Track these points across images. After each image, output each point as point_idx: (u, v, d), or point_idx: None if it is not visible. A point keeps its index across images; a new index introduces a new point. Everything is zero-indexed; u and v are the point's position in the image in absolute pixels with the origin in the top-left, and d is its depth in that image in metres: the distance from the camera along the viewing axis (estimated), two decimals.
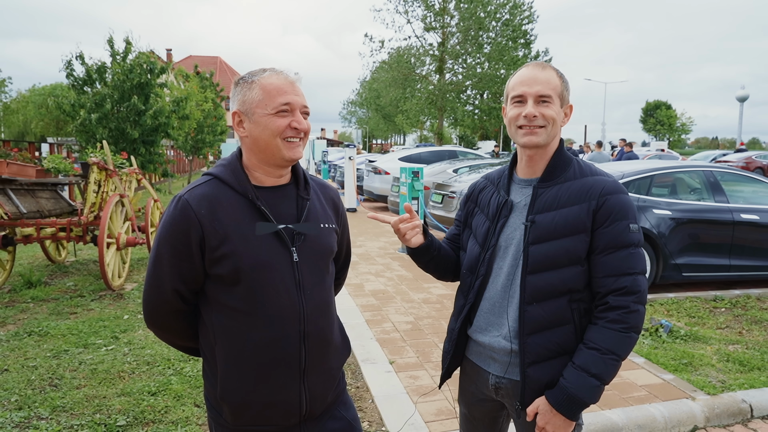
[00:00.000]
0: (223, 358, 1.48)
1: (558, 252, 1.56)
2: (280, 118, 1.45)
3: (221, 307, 1.48)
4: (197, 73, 23.92)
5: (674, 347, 4.41)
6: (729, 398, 3.46)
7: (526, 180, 1.69)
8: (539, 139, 1.60)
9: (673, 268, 6.04)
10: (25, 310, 5.40)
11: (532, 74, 1.61)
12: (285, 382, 1.48)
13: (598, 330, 1.54)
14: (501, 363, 1.68)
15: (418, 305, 5.56)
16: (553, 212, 1.59)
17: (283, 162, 1.49)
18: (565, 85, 1.64)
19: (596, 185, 1.59)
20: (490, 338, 1.69)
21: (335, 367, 1.61)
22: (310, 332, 1.49)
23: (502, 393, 1.71)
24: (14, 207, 6.06)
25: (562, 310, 1.58)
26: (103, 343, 4.45)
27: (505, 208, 1.68)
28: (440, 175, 10.99)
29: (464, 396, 1.87)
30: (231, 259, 1.43)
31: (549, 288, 1.57)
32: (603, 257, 1.55)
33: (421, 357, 4.18)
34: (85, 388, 3.62)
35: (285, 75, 1.49)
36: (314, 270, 1.53)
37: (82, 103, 12.20)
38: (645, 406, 3.34)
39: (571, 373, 1.53)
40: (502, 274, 1.67)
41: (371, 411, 3.39)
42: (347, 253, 1.82)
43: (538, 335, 1.59)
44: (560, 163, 1.64)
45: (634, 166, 6.70)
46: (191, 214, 1.44)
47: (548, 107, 1.59)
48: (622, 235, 1.55)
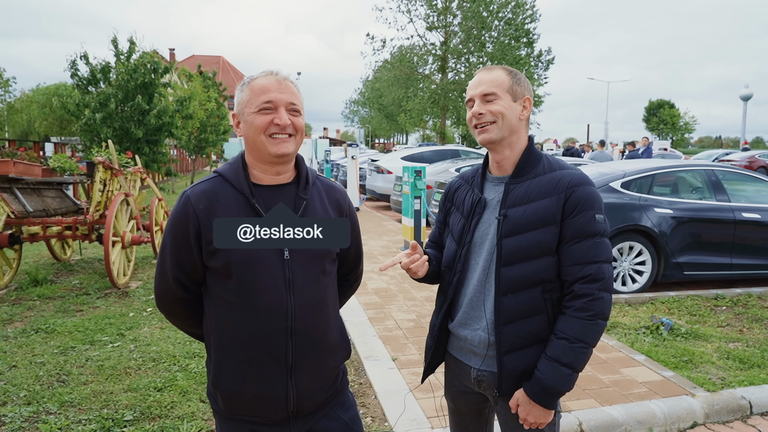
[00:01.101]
0: (216, 348, 1.55)
1: (530, 244, 1.62)
2: (262, 116, 1.50)
3: (218, 299, 1.54)
4: (200, 72, 24.00)
5: (675, 345, 4.44)
6: (728, 395, 3.49)
7: (498, 178, 1.76)
8: (491, 135, 1.67)
9: (675, 266, 6.07)
10: (32, 307, 5.47)
11: (478, 78, 1.70)
12: (272, 376, 1.52)
13: (566, 320, 1.60)
14: (480, 356, 1.74)
15: (420, 303, 5.60)
16: (524, 206, 1.65)
17: (271, 158, 1.52)
18: (515, 80, 1.69)
19: (564, 178, 1.65)
20: (470, 332, 1.75)
21: (329, 366, 1.62)
22: (297, 329, 1.52)
23: (483, 385, 1.77)
24: (21, 206, 6.13)
25: (535, 300, 1.64)
26: (109, 340, 4.51)
27: (479, 205, 1.75)
28: (443, 174, 11.02)
29: (450, 390, 1.94)
30: (223, 254, 1.49)
31: (522, 279, 1.64)
32: (570, 246, 1.62)
33: (423, 354, 4.21)
34: (92, 383, 3.68)
35: (275, 75, 1.54)
36: (308, 269, 1.55)
37: (87, 102, 12.29)
38: (645, 403, 3.38)
39: (544, 364, 1.60)
40: (478, 269, 1.73)
41: (374, 407, 3.43)
42: (357, 254, 1.81)
43: (513, 325, 1.65)
44: (530, 160, 1.71)
45: (635, 165, 6.72)
46: (190, 209, 1.52)
47: (494, 103, 1.65)
48: (587, 225, 1.61)
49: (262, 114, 1.50)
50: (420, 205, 8.18)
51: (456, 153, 14.90)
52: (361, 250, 1.84)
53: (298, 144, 1.58)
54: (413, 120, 40.90)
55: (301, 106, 1.58)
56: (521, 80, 1.71)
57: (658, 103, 69.68)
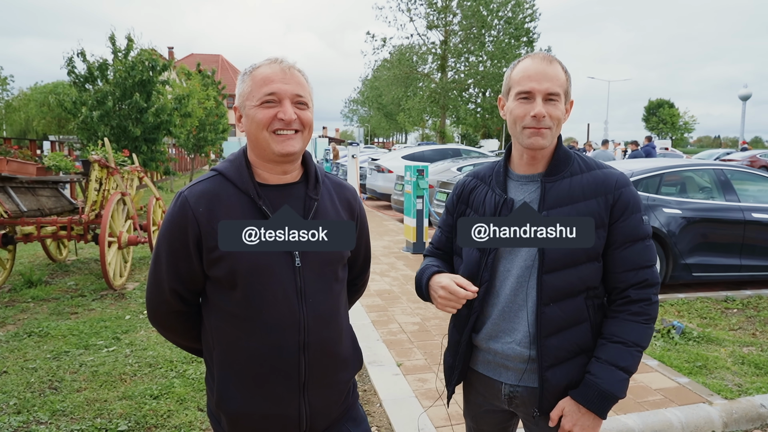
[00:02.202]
0: (219, 365, 1.41)
1: (578, 249, 1.48)
2: (264, 110, 1.35)
3: (220, 311, 1.39)
4: (199, 71, 23.84)
5: (687, 349, 4.32)
6: (747, 403, 3.37)
7: (526, 176, 1.59)
8: (545, 142, 1.51)
9: (683, 268, 5.94)
10: (26, 310, 5.32)
11: (541, 69, 1.50)
12: (283, 395, 1.39)
13: (621, 323, 1.51)
14: (515, 371, 1.59)
15: (424, 305, 5.46)
16: (568, 207, 1.51)
17: (275, 157, 1.38)
18: (569, 80, 1.56)
19: (609, 178, 1.54)
20: (501, 345, 1.59)
21: (342, 381, 1.49)
22: (310, 343, 1.39)
23: (516, 402, 1.62)
24: (14, 205, 5.98)
25: (579, 308, 1.53)
26: (104, 344, 4.37)
27: (505, 207, 1.57)
28: (444, 173, 10.91)
29: (471, 409, 1.77)
30: (227, 261, 1.34)
31: (568, 287, 1.51)
32: (621, 251, 1.52)
33: (429, 359, 4.09)
34: (85, 391, 3.54)
35: (279, 63, 1.38)
36: (319, 276, 1.42)
37: (84, 100, 12.12)
38: (661, 411, 3.25)
39: (599, 368, 1.49)
40: (511, 277, 1.57)
41: (379, 416, 3.30)
42: (365, 257, 1.69)
43: (556, 337, 1.52)
44: (563, 157, 1.57)
45: (643, 164, 6.60)
46: (189, 211, 1.36)
47: (556, 106, 1.50)
48: (638, 228, 1.52)
49: (264, 108, 1.35)
50: (422, 205, 8.05)
51: (457, 152, 14.78)
52: (369, 253, 1.71)
53: (306, 140, 1.42)
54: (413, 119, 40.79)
55: (309, 98, 1.42)
56: (571, 81, 1.58)
57: (658, 103, 69.61)
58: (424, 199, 8.06)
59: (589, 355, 1.55)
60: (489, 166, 1.71)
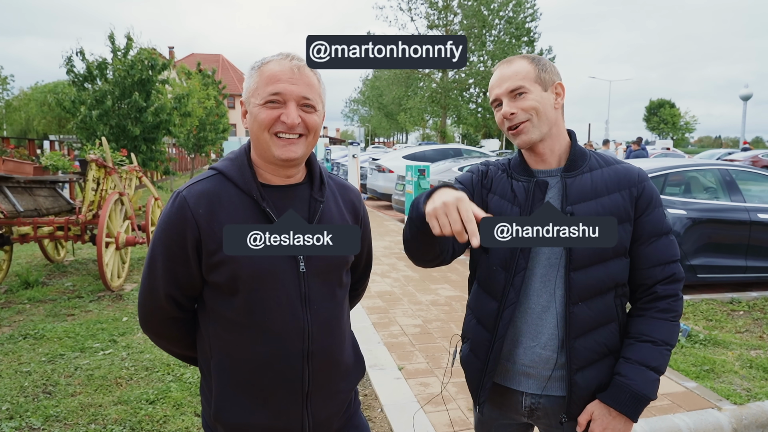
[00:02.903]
0: (218, 375, 1.33)
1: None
2: (268, 110, 1.27)
3: (218, 318, 1.32)
4: (199, 70, 23.79)
5: (694, 353, 4.24)
6: (757, 408, 3.29)
7: (544, 171, 1.53)
8: (530, 136, 1.47)
9: (688, 269, 5.86)
10: (22, 311, 5.25)
11: (499, 74, 1.51)
12: (285, 406, 1.32)
13: (648, 321, 1.47)
14: (538, 378, 1.50)
15: (426, 307, 5.39)
16: (593, 201, 1.46)
17: (275, 161, 1.30)
18: (540, 67, 1.48)
19: (630, 172, 1.51)
20: (523, 351, 1.50)
21: (345, 389, 1.43)
22: (314, 352, 1.32)
23: (538, 414, 1.53)
24: (10, 205, 5.90)
25: (608, 307, 1.48)
26: (100, 347, 4.29)
27: (538, 189, 1.46)
28: (445, 173, 10.83)
29: (485, 423, 1.67)
30: (229, 266, 1.26)
31: (597, 284, 1.45)
32: (647, 246, 1.48)
33: (431, 362, 4.01)
34: (80, 395, 3.46)
35: (290, 60, 1.29)
36: (324, 282, 1.35)
37: (83, 99, 12.06)
38: (669, 417, 3.17)
39: (629, 369, 1.43)
40: (535, 277, 1.48)
41: (380, 421, 3.22)
42: (367, 260, 1.62)
43: (585, 337, 1.45)
44: (580, 153, 1.54)
45: (647, 164, 6.52)
46: (188, 213, 1.28)
47: (525, 98, 1.46)
48: (661, 222, 1.50)
49: (267, 107, 1.27)
50: None
51: (458, 152, 14.71)
52: (371, 256, 1.64)
53: (310, 145, 1.33)
54: (413, 119, 40.72)
55: (318, 100, 1.32)
56: (546, 65, 1.49)
57: (659, 103, 69.49)
58: None
59: (616, 356, 1.49)
60: (502, 161, 1.62)
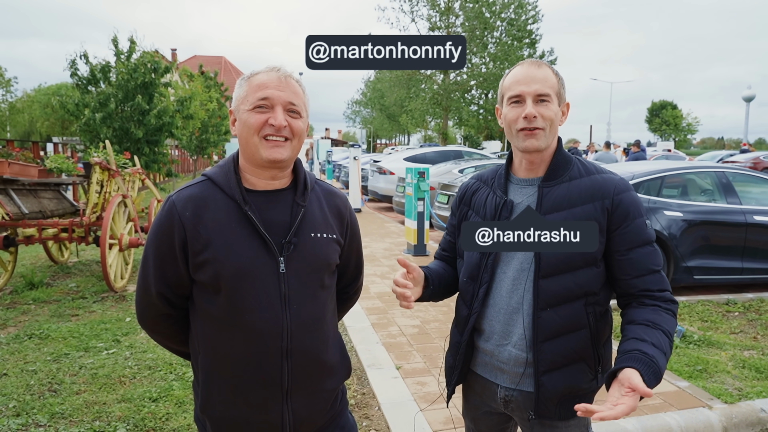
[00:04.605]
0: (204, 370, 1.42)
1: (574, 253, 1.48)
2: (256, 114, 1.37)
3: (205, 315, 1.40)
4: (202, 72, 23.91)
5: (688, 353, 4.30)
6: (747, 407, 3.35)
7: (526, 180, 1.60)
8: (540, 143, 1.52)
9: (684, 270, 5.92)
10: (27, 312, 5.34)
11: (529, 72, 1.52)
12: (265, 402, 1.39)
13: (656, 312, 1.43)
14: (511, 374, 1.59)
15: (424, 308, 5.46)
16: (565, 212, 1.51)
17: (263, 162, 1.39)
18: (561, 82, 1.57)
19: (607, 183, 1.53)
20: (498, 348, 1.60)
21: (328, 388, 1.49)
22: (293, 350, 1.39)
23: (512, 406, 1.62)
24: (16, 207, 6.00)
25: (577, 314, 1.51)
26: (104, 347, 4.37)
27: (505, 208, 1.58)
28: (446, 175, 10.91)
29: (469, 410, 1.79)
30: (212, 266, 1.35)
31: (565, 292, 1.50)
32: (628, 257, 1.50)
33: (428, 362, 4.08)
34: (84, 393, 3.55)
35: (277, 71, 1.40)
36: (305, 283, 1.42)
37: (86, 102, 12.18)
38: (660, 415, 3.24)
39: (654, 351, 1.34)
40: (507, 279, 1.57)
41: (378, 419, 3.30)
42: (357, 265, 1.68)
43: (553, 342, 1.51)
44: (563, 162, 1.57)
45: (644, 166, 6.58)
46: (175, 216, 1.38)
47: (547, 107, 1.51)
48: (642, 233, 1.51)
49: (256, 112, 1.37)
50: (423, 207, 8.05)
51: (459, 154, 14.78)
52: (361, 261, 1.71)
53: (295, 149, 1.43)
54: (415, 120, 40.79)
55: (302, 108, 1.43)
56: (564, 83, 1.58)
57: (661, 104, 69.45)
58: (425, 201, 8.06)
59: (587, 363, 1.54)
60: (492, 170, 1.72)
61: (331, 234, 1.49)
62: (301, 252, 1.41)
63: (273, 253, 1.38)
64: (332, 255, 1.49)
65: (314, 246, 1.44)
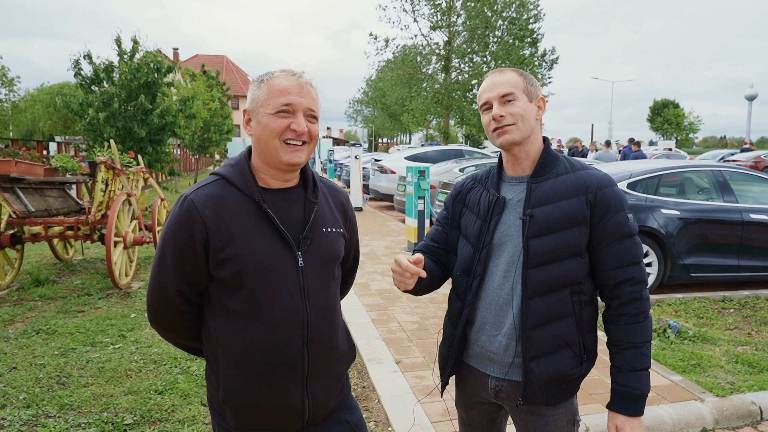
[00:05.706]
0: (225, 362, 1.47)
1: (560, 244, 1.58)
2: (279, 119, 1.42)
3: (224, 310, 1.46)
4: (204, 72, 23.99)
5: (682, 348, 4.38)
6: (738, 400, 3.43)
7: (516, 177, 1.70)
8: (513, 136, 1.62)
9: (681, 268, 6.00)
10: (33, 308, 5.44)
11: (492, 80, 1.66)
12: (287, 388, 1.47)
13: (623, 329, 1.61)
14: (500, 364, 1.68)
15: (424, 305, 5.55)
16: (551, 205, 1.60)
17: (282, 166, 1.45)
18: (527, 81, 1.66)
19: (591, 178, 1.63)
20: (489, 338, 1.69)
21: (339, 372, 1.59)
22: (313, 338, 1.47)
23: (502, 396, 1.71)
24: (22, 206, 6.10)
25: (563, 302, 1.61)
26: (110, 342, 4.47)
27: (498, 205, 1.68)
28: (446, 174, 10.98)
29: (462, 400, 1.87)
30: (234, 262, 1.41)
31: (551, 281, 1.59)
32: (608, 249, 1.60)
33: (427, 357, 4.17)
34: (92, 386, 3.64)
35: (296, 77, 1.46)
36: (320, 275, 1.51)
37: (90, 102, 12.27)
38: (653, 408, 3.32)
39: (625, 377, 1.61)
40: (498, 272, 1.67)
41: (377, 411, 3.39)
42: (355, 257, 1.78)
43: (540, 329, 1.60)
44: (549, 159, 1.67)
45: (642, 165, 6.66)
46: (196, 214, 1.42)
47: (513, 104, 1.62)
48: (623, 226, 1.61)
49: (279, 117, 1.43)
50: (424, 206, 8.13)
51: (460, 153, 14.84)
52: (359, 253, 1.80)
53: (311, 152, 1.51)
54: (416, 120, 40.82)
55: (318, 112, 1.51)
56: (532, 81, 1.68)
57: (663, 103, 69.42)
58: (426, 199, 8.14)
59: (574, 349, 1.63)
60: (485, 171, 1.83)
61: (338, 228, 1.58)
62: (315, 246, 1.49)
63: (291, 249, 1.46)
64: (340, 248, 1.58)
65: (326, 240, 1.53)
